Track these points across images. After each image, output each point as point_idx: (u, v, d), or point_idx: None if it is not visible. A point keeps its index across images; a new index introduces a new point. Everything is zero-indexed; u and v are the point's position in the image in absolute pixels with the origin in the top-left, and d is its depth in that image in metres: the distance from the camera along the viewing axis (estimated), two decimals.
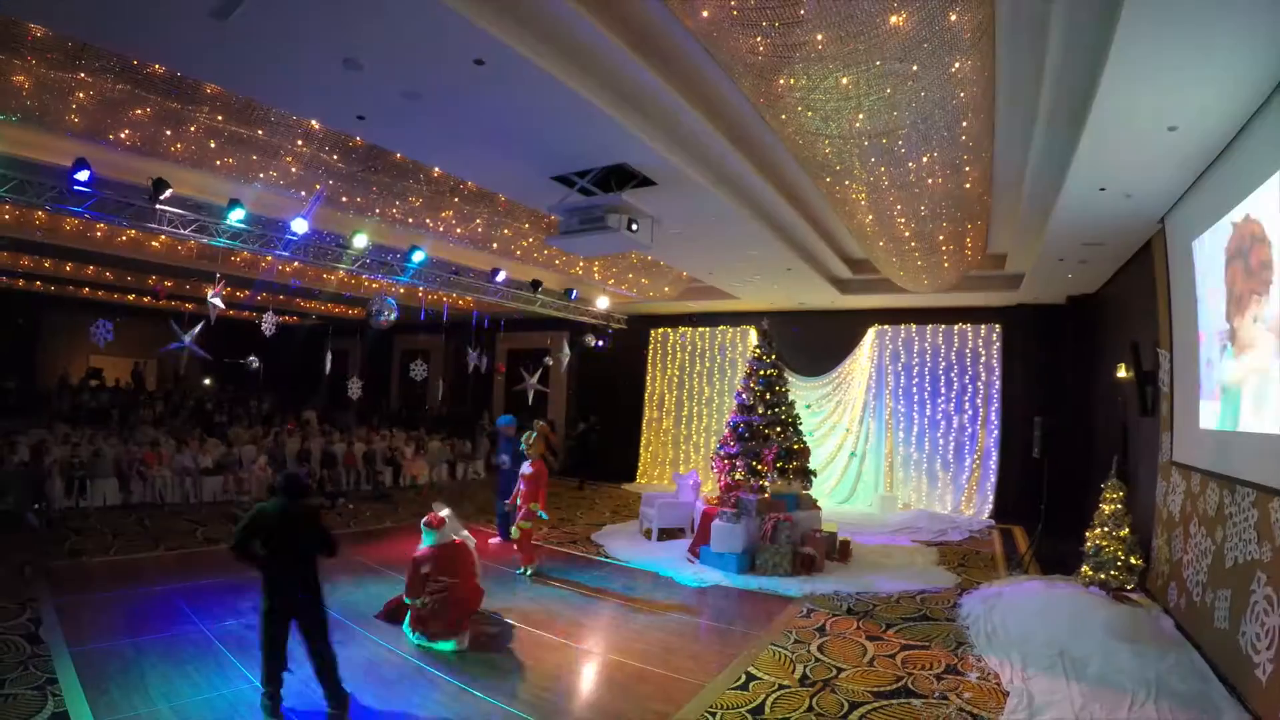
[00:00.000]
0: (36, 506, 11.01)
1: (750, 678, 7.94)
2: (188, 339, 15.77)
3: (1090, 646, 8.37)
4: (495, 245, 16.62)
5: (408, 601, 8.92)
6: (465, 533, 9.56)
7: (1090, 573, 10.48)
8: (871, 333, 20.95)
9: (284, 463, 18.66)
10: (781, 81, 7.07)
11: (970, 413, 19.41)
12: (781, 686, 7.70)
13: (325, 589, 7.23)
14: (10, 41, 8.44)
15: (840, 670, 8.16)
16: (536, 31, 7.18)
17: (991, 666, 8.25)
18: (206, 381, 31.42)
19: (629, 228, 10.48)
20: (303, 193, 12.87)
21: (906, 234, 11.75)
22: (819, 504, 14.63)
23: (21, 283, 24.28)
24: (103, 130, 10.50)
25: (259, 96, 9.47)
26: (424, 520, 9.10)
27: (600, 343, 23.55)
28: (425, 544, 9.03)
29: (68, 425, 19.12)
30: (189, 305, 23.14)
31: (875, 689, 7.61)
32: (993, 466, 18.95)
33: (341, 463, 19.87)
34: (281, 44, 7.26)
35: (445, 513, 9.25)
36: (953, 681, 7.82)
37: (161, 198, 11.34)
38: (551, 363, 24.55)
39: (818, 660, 8.49)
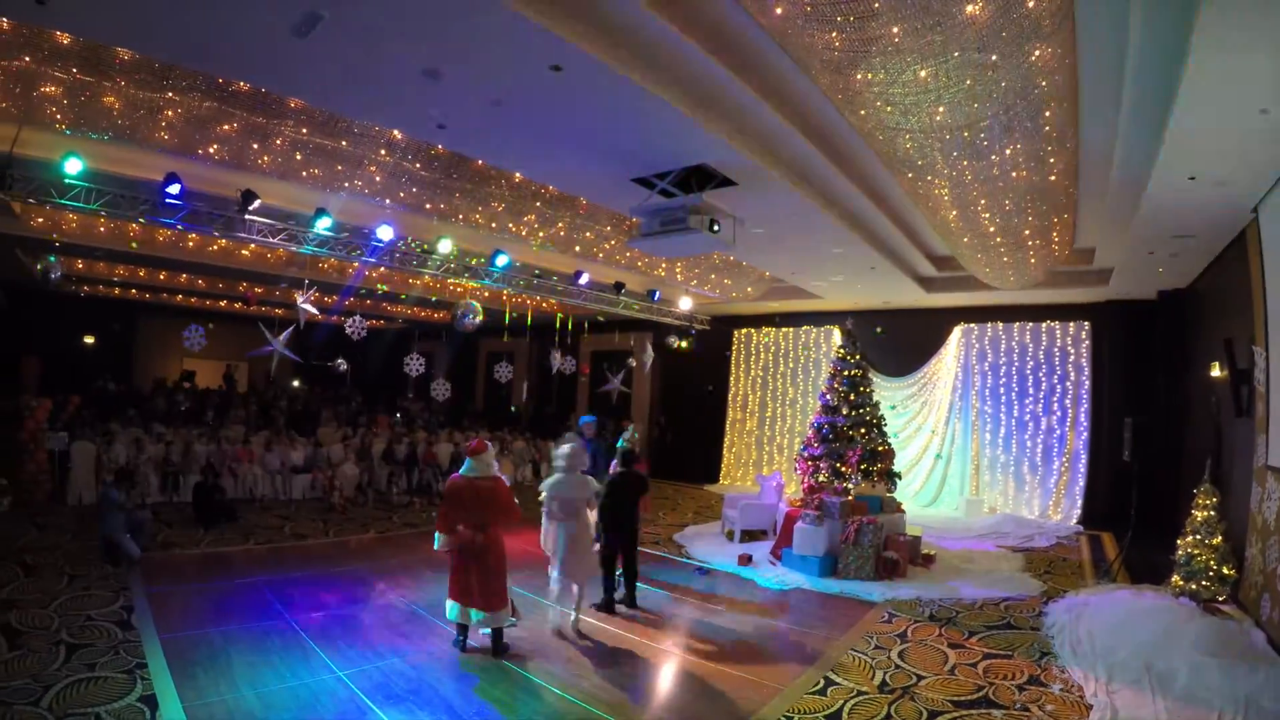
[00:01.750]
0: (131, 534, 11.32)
1: (829, 683, 7.88)
2: (277, 343, 16.15)
3: (1178, 660, 8.09)
4: (578, 248, 16.76)
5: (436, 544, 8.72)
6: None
7: (1180, 583, 10.14)
8: (957, 331, 20.56)
9: (371, 461, 18.94)
10: (859, 76, 7.02)
11: (1059, 414, 18.87)
12: (860, 693, 7.62)
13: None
14: (100, 65, 8.92)
15: (920, 678, 8.04)
16: (611, 35, 7.24)
17: (1075, 679, 8.01)
18: (295, 383, 32.07)
19: (710, 228, 10.40)
20: (387, 200, 13.14)
21: (991, 229, 11.55)
22: (903, 507, 14.40)
23: (118, 291, 25.51)
24: (192, 146, 10.95)
25: (340, 109, 9.79)
26: (468, 445, 9.09)
27: (683, 344, 23.54)
28: (462, 472, 8.79)
29: (162, 424, 19.61)
30: (279, 310, 23.74)
31: (955, 698, 7.48)
32: (1081, 470, 18.39)
33: (423, 461, 20.06)
34: (360, 58, 7.45)
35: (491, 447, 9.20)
36: (1035, 693, 7.65)
37: (250, 208, 11.76)
38: (635, 364, 24.61)
39: (898, 667, 8.37)
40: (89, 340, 29.02)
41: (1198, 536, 10.16)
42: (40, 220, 15.40)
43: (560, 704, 7.23)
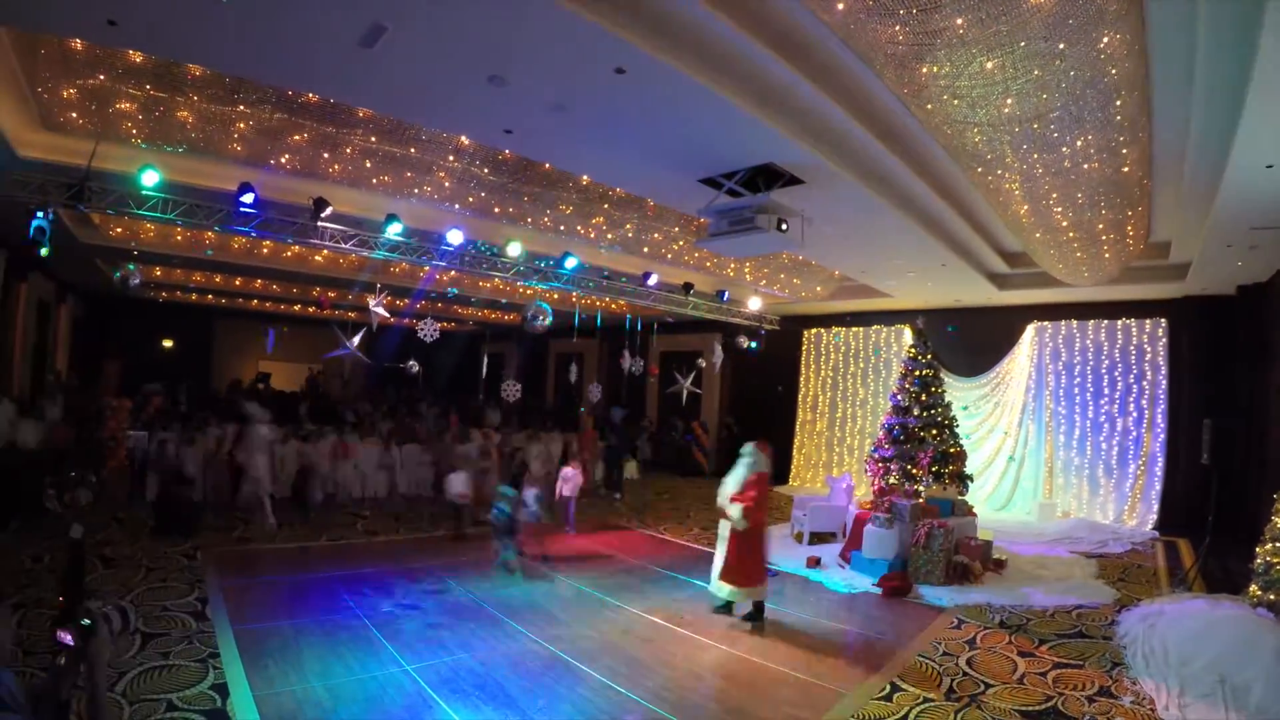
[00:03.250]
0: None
1: (895, 688, 7.81)
2: (350, 345, 16.41)
3: (1254, 673, 7.80)
4: (646, 249, 16.84)
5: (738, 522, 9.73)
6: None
7: (1259, 592, 9.71)
8: (1030, 330, 20.07)
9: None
10: (924, 70, 6.95)
11: (1135, 415, 18.28)
12: (926, 699, 7.54)
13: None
14: (172, 81, 9.34)
15: (988, 686, 7.92)
16: (673, 36, 7.24)
17: (1147, 690, 7.82)
18: (368, 386, 32.55)
19: (779, 227, 10.34)
20: (456, 205, 13.33)
21: (1064, 224, 11.30)
22: (974, 510, 14.18)
23: (195, 296, 26.43)
24: (264, 156, 11.33)
25: (407, 117, 10.02)
26: (753, 445, 9.99)
27: (752, 344, 23.44)
28: (750, 466, 9.94)
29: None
30: (351, 314, 24.14)
31: (1023, 708, 7.35)
32: (1158, 473, 17.79)
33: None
34: (426, 66, 7.59)
35: None
36: (1105, 705, 7.48)
37: (322, 215, 11.98)
38: (704, 364, 24.58)
39: (965, 674, 8.25)
40: (168, 344, 29.89)
41: (1277, 544, 9.86)
42: (119, 230, 16.01)
43: (624, 701, 7.27)
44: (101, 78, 9.24)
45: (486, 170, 12.25)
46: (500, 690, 7.26)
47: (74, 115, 10.12)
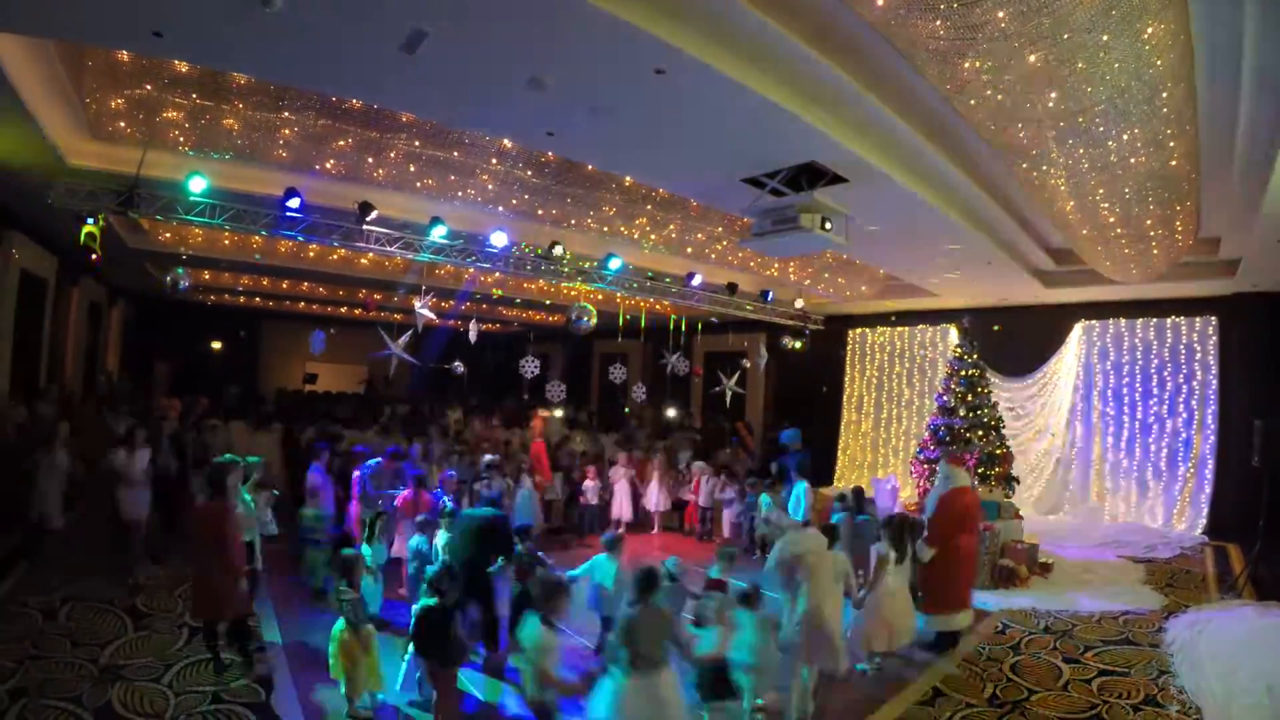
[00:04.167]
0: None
1: (938, 694, 7.78)
2: (395, 346, 16.52)
3: None
4: (690, 250, 16.84)
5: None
6: None
7: None
8: (1078, 328, 19.77)
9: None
10: (967, 65, 6.90)
11: (1184, 415, 17.91)
12: (969, 705, 7.51)
13: None
14: (218, 90, 9.58)
15: (1032, 693, 7.87)
16: (712, 35, 7.22)
17: (1194, 699, 7.73)
18: (411, 387, 32.78)
19: (822, 226, 10.27)
20: (500, 207, 13.42)
21: (1111, 219, 11.12)
22: (1020, 513, 14.08)
23: (243, 299, 26.92)
24: (309, 161, 11.54)
25: (449, 121, 10.14)
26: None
27: (797, 344, 23.32)
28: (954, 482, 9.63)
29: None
30: (397, 315, 24.33)
31: (1067, 715, 7.31)
32: (1208, 476, 17.43)
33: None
34: (466, 70, 7.64)
35: None
36: (1151, 714, 7.41)
37: (368, 219, 12.04)
38: (748, 365, 24.49)
39: (1009, 680, 8.20)
40: (216, 345, 30.35)
41: None
42: (168, 235, 16.31)
43: None
44: (148, 87, 9.46)
45: (529, 172, 12.34)
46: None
47: (122, 124, 10.34)
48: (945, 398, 14.70)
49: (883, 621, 8.24)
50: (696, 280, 17.71)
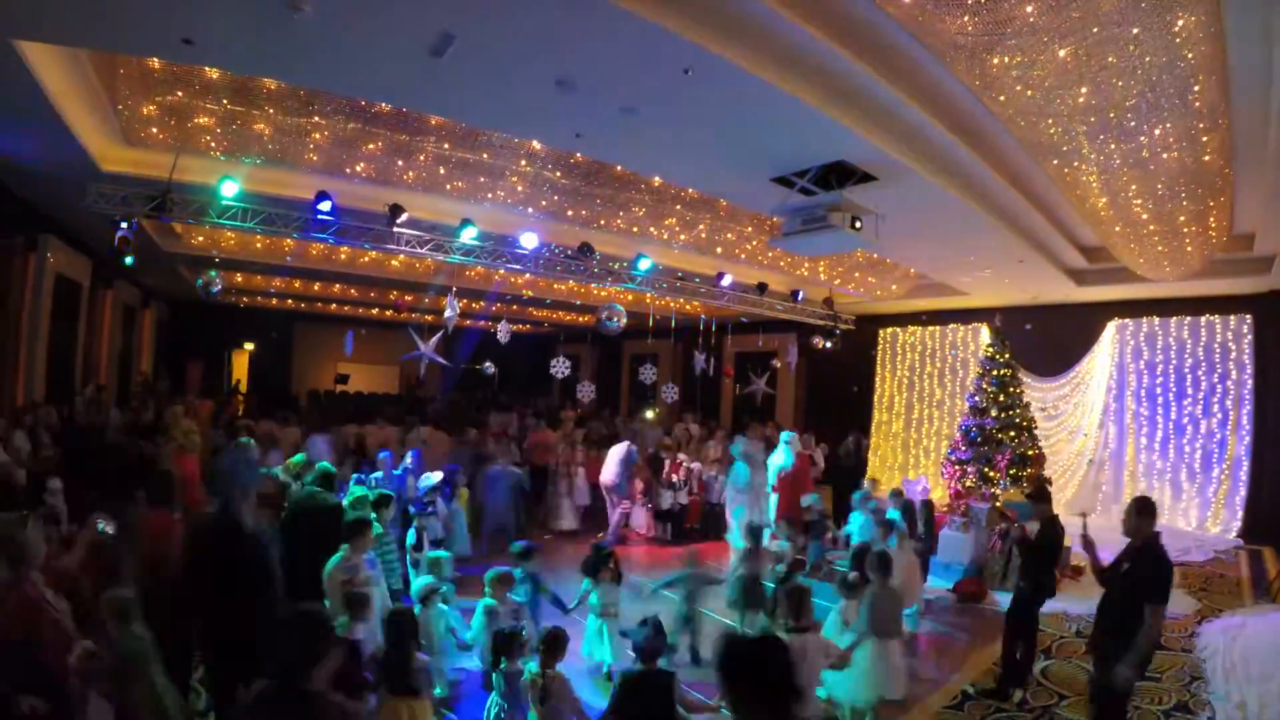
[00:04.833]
0: None
1: (966, 697, 7.75)
2: (426, 347, 16.62)
3: None
4: (719, 250, 16.86)
5: None
6: None
7: None
8: (1111, 327, 19.41)
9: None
10: (996, 61, 6.88)
11: (1219, 416, 17.52)
12: (999, 710, 7.47)
13: None
14: (248, 95, 9.68)
15: (1062, 698, 7.81)
16: (739, 35, 7.21)
17: (1225, 706, 7.66)
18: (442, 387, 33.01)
19: (852, 225, 10.18)
20: (529, 209, 13.51)
21: (1144, 216, 11.03)
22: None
23: (275, 301, 27.22)
24: (340, 165, 11.67)
25: (478, 123, 10.18)
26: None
27: (828, 344, 23.22)
28: None
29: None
30: (428, 317, 24.48)
31: None
32: (1243, 478, 17.05)
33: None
34: (494, 73, 7.68)
35: None
36: None
37: (398, 221, 12.12)
38: (779, 365, 24.43)
39: (1039, 685, 8.13)
40: (249, 347, 30.62)
41: None
42: (200, 239, 16.52)
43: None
44: (180, 94, 9.60)
45: (559, 174, 12.40)
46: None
47: (154, 130, 10.52)
48: (977, 398, 14.61)
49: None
50: (726, 280, 17.68)
